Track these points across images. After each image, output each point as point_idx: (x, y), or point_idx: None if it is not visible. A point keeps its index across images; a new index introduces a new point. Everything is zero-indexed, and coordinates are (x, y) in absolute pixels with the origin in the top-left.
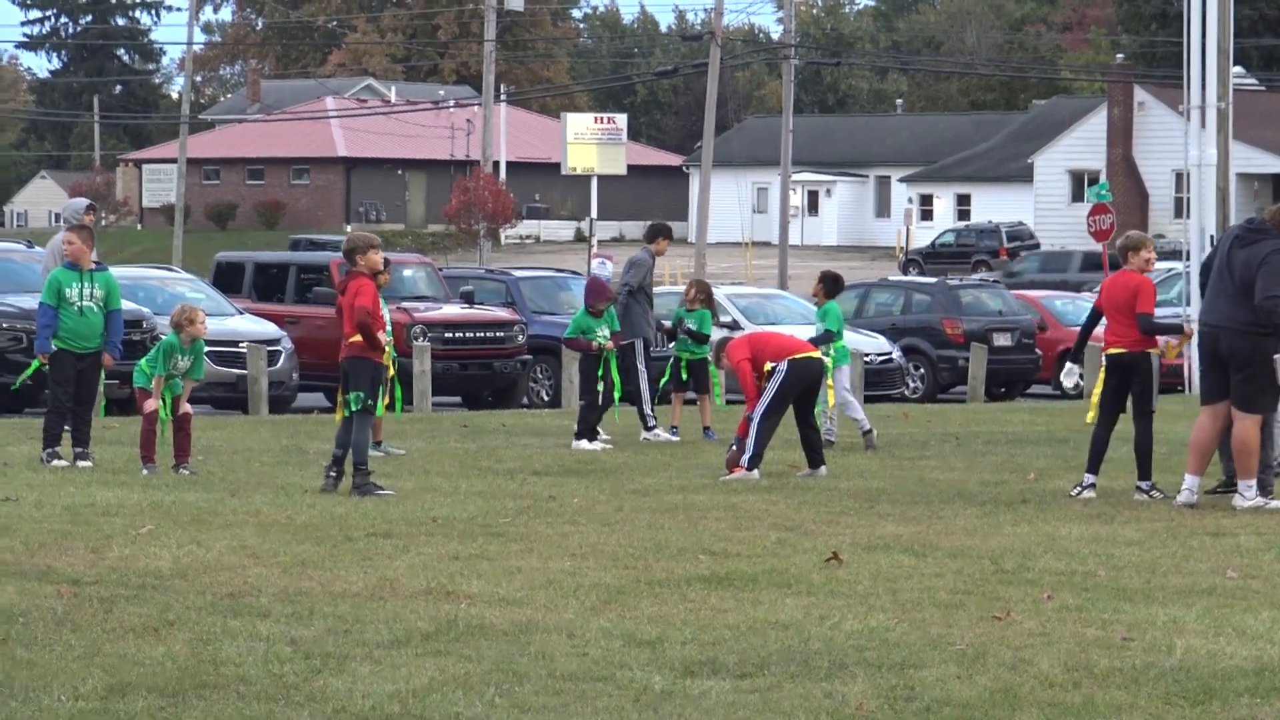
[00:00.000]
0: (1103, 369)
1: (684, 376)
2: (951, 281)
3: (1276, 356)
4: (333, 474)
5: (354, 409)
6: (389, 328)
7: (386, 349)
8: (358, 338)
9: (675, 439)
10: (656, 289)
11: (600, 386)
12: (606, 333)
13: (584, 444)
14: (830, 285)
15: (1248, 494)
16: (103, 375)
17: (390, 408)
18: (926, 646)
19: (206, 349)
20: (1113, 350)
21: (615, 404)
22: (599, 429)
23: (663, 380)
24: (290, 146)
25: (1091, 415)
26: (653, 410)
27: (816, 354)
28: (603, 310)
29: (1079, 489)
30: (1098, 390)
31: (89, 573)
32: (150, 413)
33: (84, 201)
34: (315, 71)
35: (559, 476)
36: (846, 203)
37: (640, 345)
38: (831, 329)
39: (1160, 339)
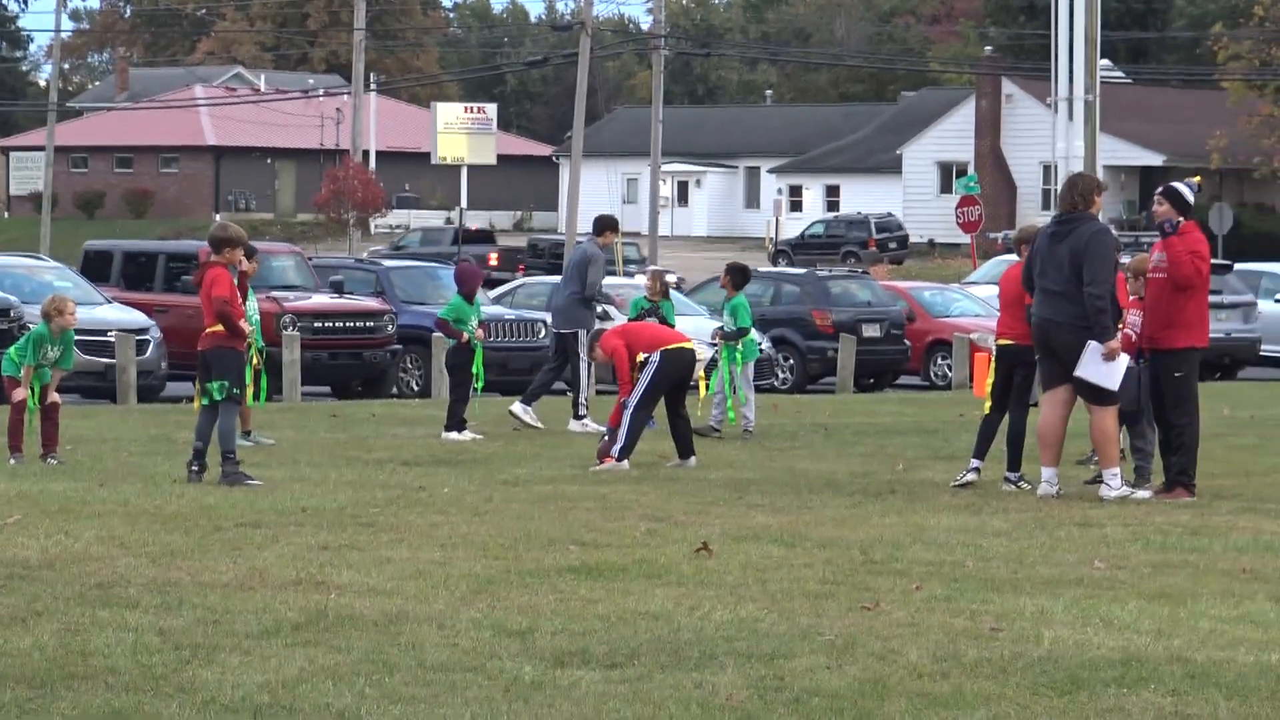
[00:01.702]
0: (991, 358)
1: None
2: (820, 272)
3: (1090, 344)
4: (195, 468)
5: (217, 398)
6: (257, 317)
7: (250, 338)
8: (219, 327)
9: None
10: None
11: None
12: (476, 323)
13: (454, 435)
14: (738, 277)
15: (1114, 484)
16: None
17: (255, 397)
18: (796, 637)
19: (75, 338)
20: (1002, 341)
21: (477, 395)
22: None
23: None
24: (159, 135)
25: (988, 407)
26: (586, 401)
27: (689, 344)
28: (475, 295)
29: (963, 474)
30: (989, 381)
31: None
32: (18, 402)
33: None
34: (184, 60)
35: (429, 466)
36: (716, 193)
37: (583, 335)
38: (746, 324)
39: None
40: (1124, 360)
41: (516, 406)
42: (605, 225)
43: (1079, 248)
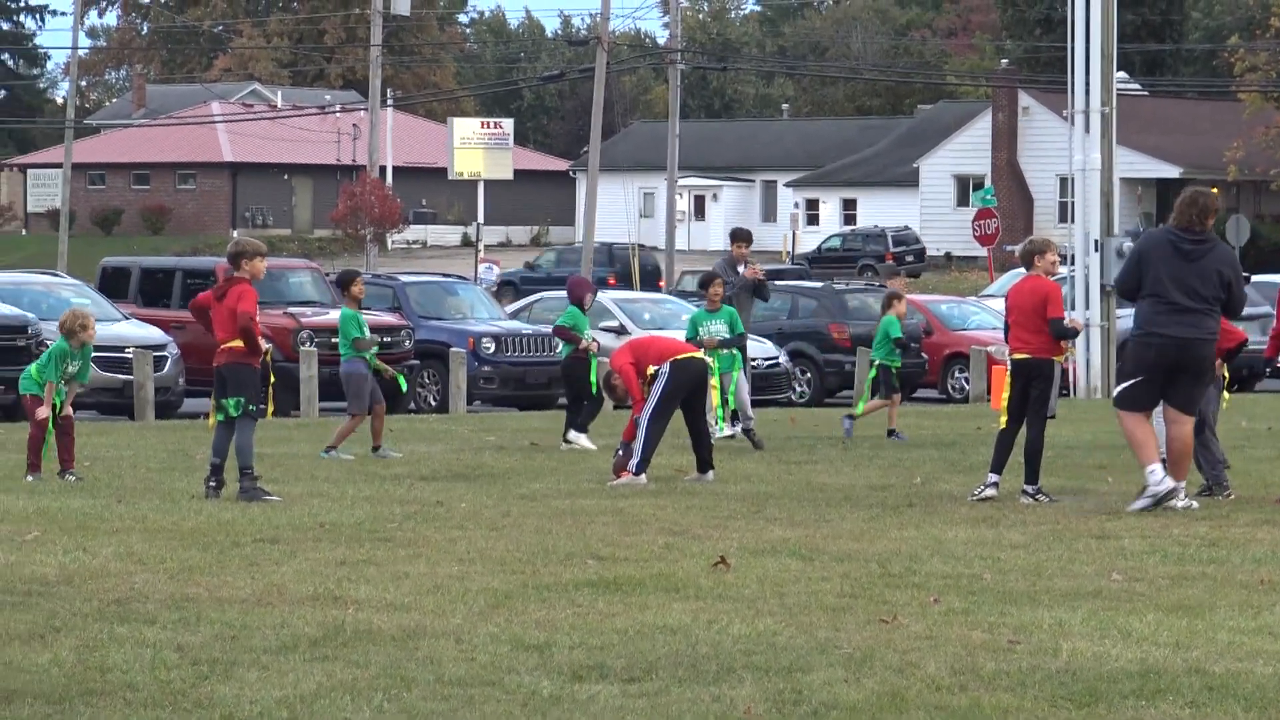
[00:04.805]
0: (1007, 372)
1: (895, 383)
2: (838, 286)
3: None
4: (213, 483)
5: (234, 414)
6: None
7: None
8: (237, 343)
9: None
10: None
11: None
12: (591, 334)
13: (583, 439)
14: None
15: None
16: None
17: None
18: (814, 650)
19: (93, 353)
20: (1018, 355)
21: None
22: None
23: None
24: (176, 151)
25: (1003, 420)
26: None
27: (699, 354)
28: (586, 304)
29: (981, 488)
30: (1005, 395)
31: None
32: (42, 420)
33: None
34: (201, 76)
35: (446, 481)
36: (733, 207)
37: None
38: (741, 331)
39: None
40: None
41: (726, 430)
42: (737, 237)
43: (1231, 266)
